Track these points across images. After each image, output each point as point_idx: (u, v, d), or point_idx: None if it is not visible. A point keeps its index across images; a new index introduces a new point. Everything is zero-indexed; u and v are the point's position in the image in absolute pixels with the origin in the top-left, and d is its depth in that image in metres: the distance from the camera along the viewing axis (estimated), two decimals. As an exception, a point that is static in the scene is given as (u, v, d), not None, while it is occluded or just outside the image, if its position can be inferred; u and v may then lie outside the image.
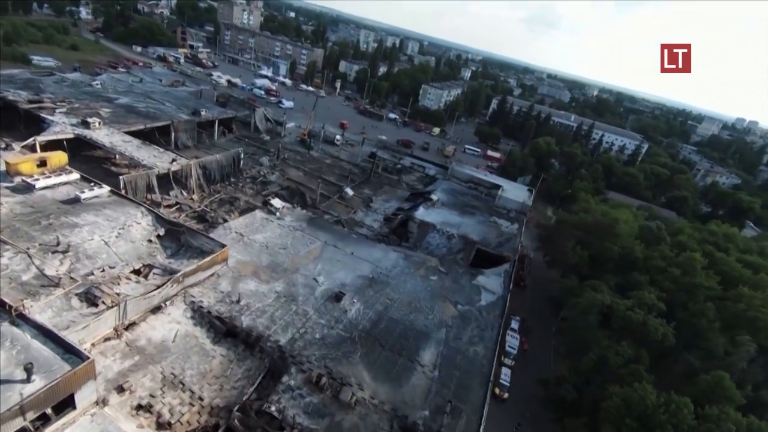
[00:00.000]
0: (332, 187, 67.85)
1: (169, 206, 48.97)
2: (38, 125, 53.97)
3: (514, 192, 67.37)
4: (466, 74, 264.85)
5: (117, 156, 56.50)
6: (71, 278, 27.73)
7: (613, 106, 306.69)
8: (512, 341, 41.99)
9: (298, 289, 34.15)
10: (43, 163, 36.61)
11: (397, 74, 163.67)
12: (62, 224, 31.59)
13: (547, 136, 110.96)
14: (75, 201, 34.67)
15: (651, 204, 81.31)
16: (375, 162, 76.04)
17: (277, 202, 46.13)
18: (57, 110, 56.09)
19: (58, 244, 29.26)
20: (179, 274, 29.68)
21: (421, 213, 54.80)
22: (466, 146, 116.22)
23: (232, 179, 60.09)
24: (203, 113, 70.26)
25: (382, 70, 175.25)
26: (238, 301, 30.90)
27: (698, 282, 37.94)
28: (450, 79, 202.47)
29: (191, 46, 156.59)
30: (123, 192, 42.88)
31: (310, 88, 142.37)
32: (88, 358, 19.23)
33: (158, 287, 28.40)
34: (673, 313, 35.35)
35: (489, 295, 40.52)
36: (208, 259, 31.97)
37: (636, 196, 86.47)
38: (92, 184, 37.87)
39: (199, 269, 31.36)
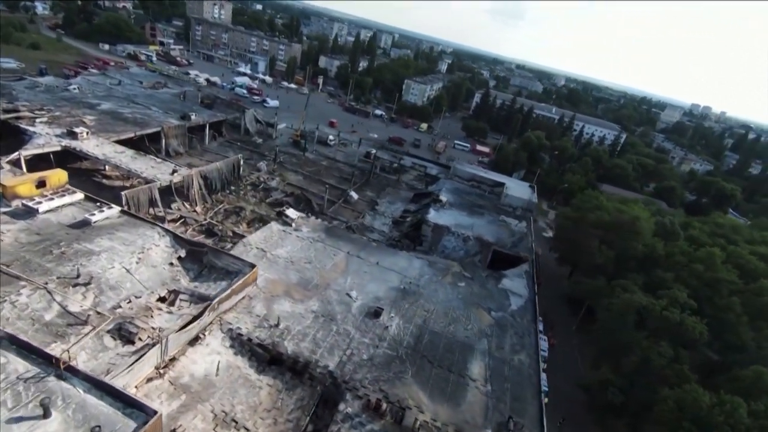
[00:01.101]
0: (334, 190, 66.13)
1: (173, 221, 46.24)
2: (17, 137, 49.60)
3: (518, 189, 67.74)
4: (443, 67, 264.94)
5: (106, 167, 53.01)
6: (98, 313, 25.37)
7: (584, 96, 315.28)
8: (542, 344, 42.11)
9: (334, 307, 32.79)
10: (42, 184, 33.38)
11: (378, 69, 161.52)
12: (76, 252, 28.89)
13: (532, 129, 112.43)
14: (84, 224, 31.82)
15: (639, 194, 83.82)
16: (374, 162, 74.74)
17: (292, 213, 44.26)
18: (37, 119, 51.66)
19: (78, 276, 26.68)
20: (215, 300, 27.78)
21: (434, 215, 54.07)
22: (456, 141, 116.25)
23: (233, 187, 57.50)
24: (193, 117, 66.75)
25: (362, 65, 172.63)
26: (277, 325, 29.27)
27: (720, 277, 39.28)
28: (428, 72, 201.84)
29: (161, 43, 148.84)
30: (126, 208, 40.03)
31: (292, 86, 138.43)
32: (155, 412, 17.45)
33: (195, 317, 26.46)
34: (701, 310, 36.33)
35: (517, 299, 40.40)
36: (240, 281, 30.10)
37: (625, 188, 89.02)
38: (98, 204, 34.93)
39: (233, 293, 29.49)
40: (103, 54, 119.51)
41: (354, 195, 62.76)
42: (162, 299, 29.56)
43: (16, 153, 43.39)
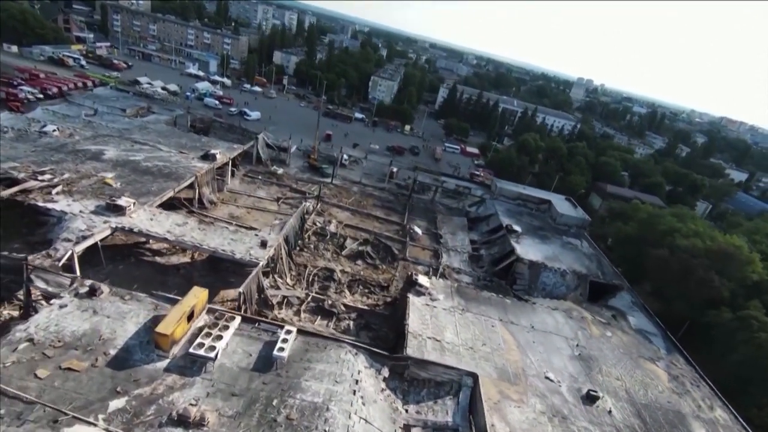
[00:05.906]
0: (386, 224, 61.86)
1: (279, 304, 39.09)
2: (32, 218, 37.32)
3: (561, 205, 69.42)
4: (383, 53, 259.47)
5: (150, 240, 42.78)
6: (387, 499, 20.30)
7: (510, 79, 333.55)
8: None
9: (552, 400, 30.46)
10: (191, 314, 25.39)
11: (337, 63, 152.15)
12: (301, 411, 22.57)
13: (500, 125, 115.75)
14: (271, 363, 25.00)
15: (631, 190, 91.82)
16: (413, 186, 71.10)
17: (423, 280, 39.85)
18: (53, 190, 39.06)
19: (341, 453, 20.94)
20: (488, 440, 23.91)
21: (521, 250, 53.07)
22: (446, 144, 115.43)
23: (299, 241, 50.38)
24: (218, 155, 56.30)
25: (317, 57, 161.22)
26: (532, 445, 26.33)
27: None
28: (380, 64, 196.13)
29: (78, 39, 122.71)
30: (243, 311, 32.90)
31: (257, 88, 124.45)
32: None
33: (487, 471, 22.55)
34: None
35: (658, 340, 41.62)
36: (478, 400, 26.35)
37: (614, 184, 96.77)
38: (257, 324, 27.75)
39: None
40: (15, 59, 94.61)
41: (418, 230, 59.02)
42: (398, 441, 24.82)
43: (65, 250, 32.42)
